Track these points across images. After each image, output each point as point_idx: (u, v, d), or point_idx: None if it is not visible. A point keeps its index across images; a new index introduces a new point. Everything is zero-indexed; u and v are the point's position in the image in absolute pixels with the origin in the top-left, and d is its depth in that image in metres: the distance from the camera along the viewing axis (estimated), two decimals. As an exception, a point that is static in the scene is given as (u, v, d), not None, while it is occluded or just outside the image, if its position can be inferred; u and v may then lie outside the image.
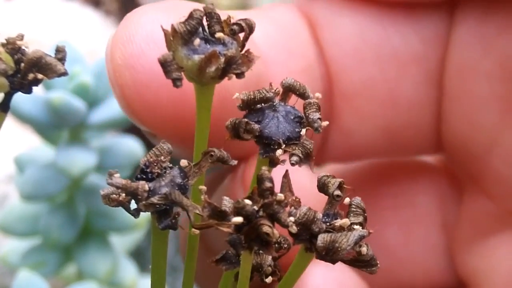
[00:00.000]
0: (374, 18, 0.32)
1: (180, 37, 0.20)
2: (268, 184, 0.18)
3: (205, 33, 0.21)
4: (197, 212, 0.19)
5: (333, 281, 0.28)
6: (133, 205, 0.19)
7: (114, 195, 0.19)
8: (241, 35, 0.21)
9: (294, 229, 0.19)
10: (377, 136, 0.33)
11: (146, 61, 0.24)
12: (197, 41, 0.20)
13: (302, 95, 0.22)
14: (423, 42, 0.32)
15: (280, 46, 0.29)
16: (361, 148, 0.33)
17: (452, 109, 0.32)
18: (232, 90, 0.22)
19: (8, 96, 0.20)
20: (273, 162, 0.21)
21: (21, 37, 0.20)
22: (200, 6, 0.21)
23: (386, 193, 0.36)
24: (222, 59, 0.20)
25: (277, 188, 0.19)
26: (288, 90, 0.22)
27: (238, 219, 0.18)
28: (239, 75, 0.21)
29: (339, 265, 0.29)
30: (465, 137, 0.32)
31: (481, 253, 0.33)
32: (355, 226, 0.19)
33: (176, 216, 0.19)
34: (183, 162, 0.20)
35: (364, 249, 0.19)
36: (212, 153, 0.20)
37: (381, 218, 0.36)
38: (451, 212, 0.35)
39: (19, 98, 0.33)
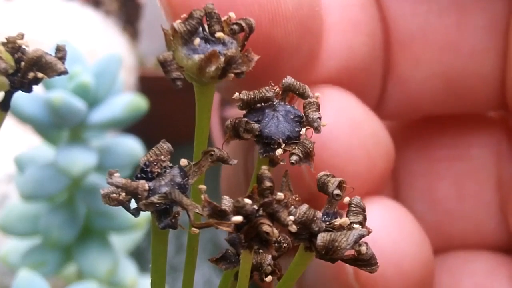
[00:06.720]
0: None
1: (180, 36, 0.20)
2: (268, 183, 0.18)
3: (205, 32, 0.21)
4: (197, 211, 0.19)
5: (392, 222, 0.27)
6: (133, 204, 0.19)
7: (114, 195, 0.19)
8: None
9: (293, 228, 0.19)
10: (436, 84, 0.31)
11: None
12: (197, 40, 0.20)
13: (302, 95, 0.22)
14: None
15: None
16: (419, 99, 0.32)
17: None
18: (284, 5, 0.22)
19: (9, 95, 0.20)
20: (273, 162, 0.21)
21: (21, 36, 0.20)
22: None
23: (441, 143, 0.34)
24: (222, 59, 0.20)
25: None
26: (288, 89, 0.22)
27: (238, 218, 0.18)
28: (239, 75, 0.21)
29: (396, 204, 0.28)
30: None
31: None
32: (355, 225, 0.19)
33: (176, 215, 0.19)
34: (183, 162, 0.20)
35: (363, 248, 0.19)
36: (212, 153, 0.20)
37: (434, 170, 0.34)
38: (508, 169, 0.34)
39: (19, 98, 0.33)
